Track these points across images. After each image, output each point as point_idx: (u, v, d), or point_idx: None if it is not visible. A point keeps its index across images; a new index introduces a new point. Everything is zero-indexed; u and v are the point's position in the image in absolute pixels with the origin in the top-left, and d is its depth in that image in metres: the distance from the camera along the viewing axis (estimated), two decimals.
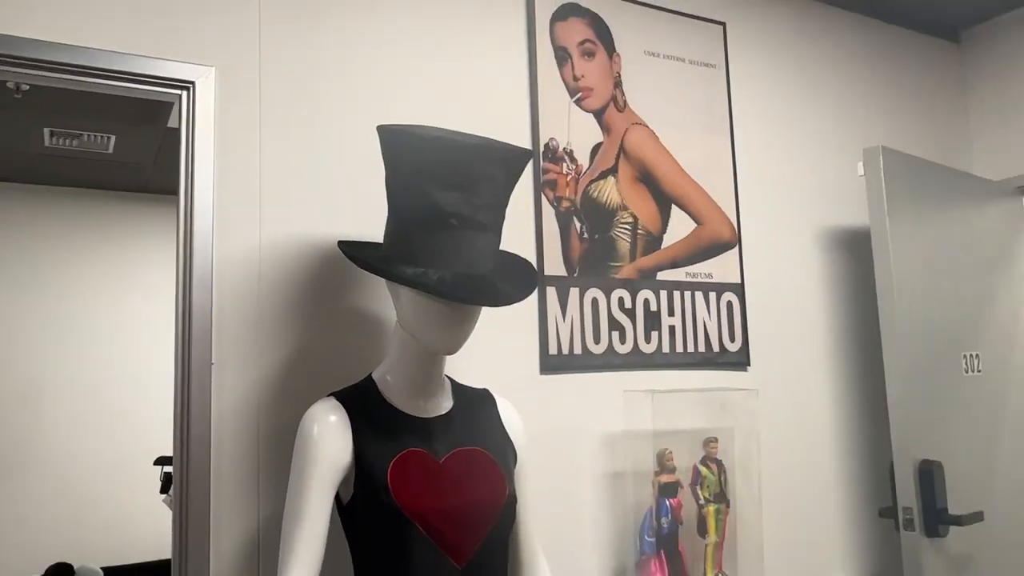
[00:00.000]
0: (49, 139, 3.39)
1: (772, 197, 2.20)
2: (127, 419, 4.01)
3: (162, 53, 1.46)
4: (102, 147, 3.51)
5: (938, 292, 2.10)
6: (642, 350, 1.90)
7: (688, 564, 1.72)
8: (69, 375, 3.93)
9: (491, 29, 1.82)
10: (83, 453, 3.90)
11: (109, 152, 3.57)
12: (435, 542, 1.22)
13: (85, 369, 3.96)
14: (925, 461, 1.91)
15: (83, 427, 3.91)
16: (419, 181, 1.26)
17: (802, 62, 2.34)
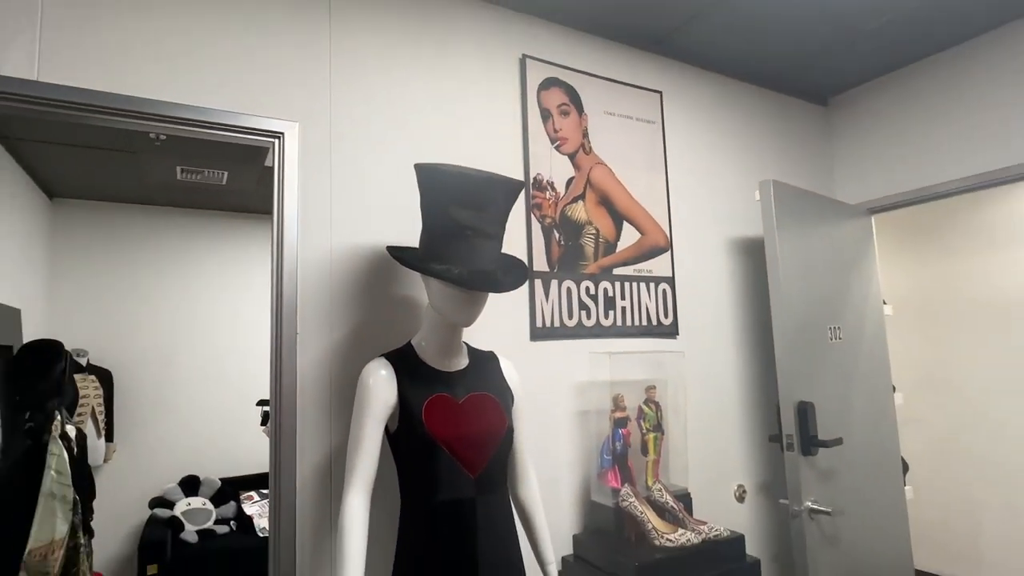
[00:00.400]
0: (180, 174, 3.38)
1: (694, 216, 2.20)
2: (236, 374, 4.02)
3: (260, 112, 1.45)
4: (218, 180, 3.49)
5: (811, 283, 2.10)
6: (602, 324, 1.89)
7: (635, 474, 1.73)
8: (196, 344, 3.94)
9: (495, 96, 1.81)
10: (206, 398, 3.91)
11: (223, 183, 3.55)
12: (456, 459, 1.23)
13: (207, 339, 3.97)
14: (802, 402, 1.92)
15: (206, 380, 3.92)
16: (444, 203, 1.25)
17: (715, 120, 2.33)
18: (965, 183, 2.23)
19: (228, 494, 3.81)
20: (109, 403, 3.57)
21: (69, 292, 3.60)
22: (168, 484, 3.67)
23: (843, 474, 2.04)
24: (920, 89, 2.39)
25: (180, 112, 1.36)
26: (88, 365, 3.50)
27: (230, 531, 3.60)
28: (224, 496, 3.79)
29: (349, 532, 1.15)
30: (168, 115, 1.35)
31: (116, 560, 3.52)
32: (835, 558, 1.95)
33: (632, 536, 1.63)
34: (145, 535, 3.28)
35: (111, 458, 3.57)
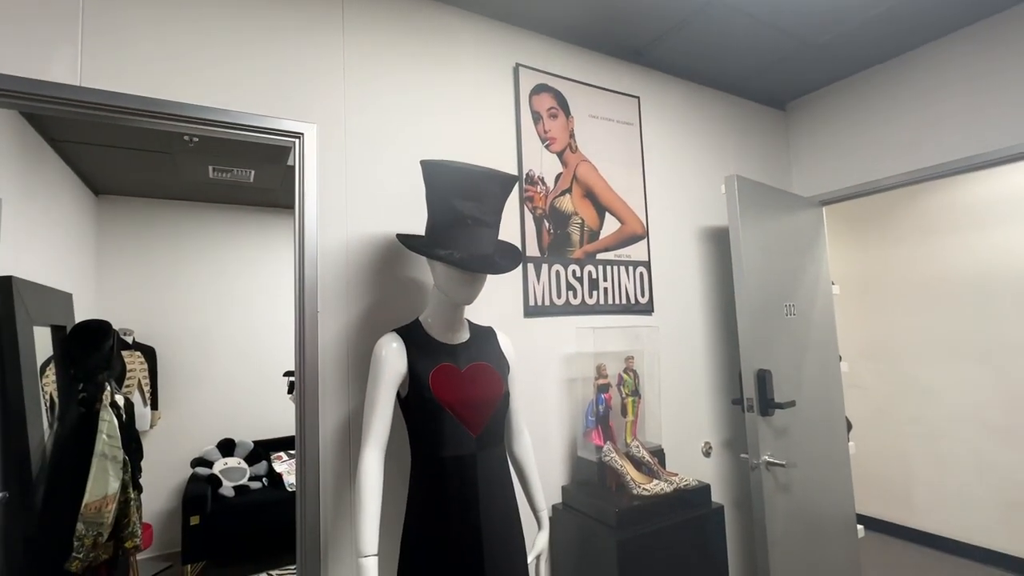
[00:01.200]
0: (212, 173, 3.32)
1: (667, 207, 2.18)
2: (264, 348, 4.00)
3: (282, 114, 1.42)
4: (246, 178, 3.44)
5: (769, 266, 2.10)
6: (587, 302, 1.89)
7: (615, 433, 1.74)
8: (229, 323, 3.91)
9: (492, 100, 1.78)
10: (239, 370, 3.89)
11: (251, 181, 3.50)
12: (459, 420, 1.23)
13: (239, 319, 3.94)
14: (761, 370, 1.93)
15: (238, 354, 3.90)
16: (447, 195, 1.24)
17: (686, 123, 2.30)
18: (905, 177, 2.23)
19: (260, 454, 3.81)
20: (153, 376, 3.56)
21: (115, 279, 3.56)
22: (207, 446, 3.67)
23: (796, 432, 2.06)
24: (866, 95, 2.37)
25: (211, 115, 1.33)
26: (134, 343, 3.48)
27: (262, 486, 3.62)
28: (256, 456, 3.80)
29: (366, 484, 1.16)
30: (200, 117, 1.32)
31: (163, 513, 3.53)
32: (788, 503, 1.97)
33: (613, 486, 1.64)
34: (188, 491, 3.29)
35: (156, 424, 3.56)
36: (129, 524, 2.13)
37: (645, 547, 1.49)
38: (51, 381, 2.39)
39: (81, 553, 1.91)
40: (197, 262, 3.83)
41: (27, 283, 2.25)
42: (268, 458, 3.82)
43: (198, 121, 1.32)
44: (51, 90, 1.17)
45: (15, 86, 1.13)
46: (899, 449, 3.43)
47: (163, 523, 3.51)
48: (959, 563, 3.03)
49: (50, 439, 2.20)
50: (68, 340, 2.26)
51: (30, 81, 1.15)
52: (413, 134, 1.61)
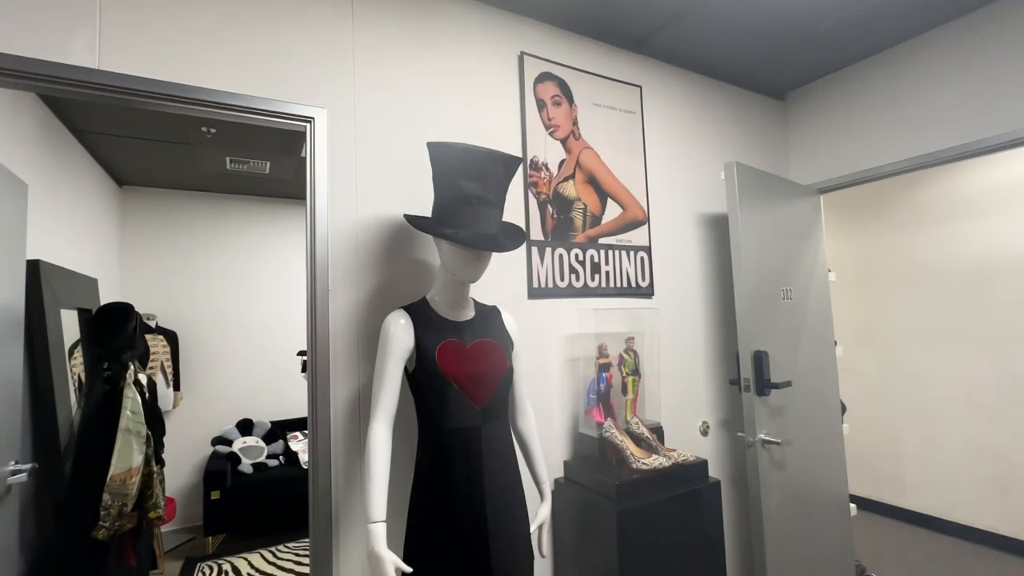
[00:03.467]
0: (229, 164, 3.31)
1: (668, 194, 2.15)
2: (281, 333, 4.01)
3: (294, 99, 1.41)
4: (262, 169, 3.43)
5: (767, 251, 2.07)
6: (589, 285, 1.87)
7: (616, 411, 1.72)
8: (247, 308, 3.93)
9: (498, 87, 1.76)
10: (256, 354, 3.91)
11: (266, 172, 3.49)
12: (464, 393, 1.22)
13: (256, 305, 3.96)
14: (758, 351, 1.90)
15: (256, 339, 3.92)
16: (452, 175, 1.22)
17: (687, 112, 2.27)
18: (902, 165, 2.18)
19: (277, 434, 3.84)
20: (176, 359, 3.58)
21: (138, 266, 3.58)
22: (226, 426, 3.70)
23: (791, 412, 2.04)
24: (864, 84, 2.32)
25: (225, 99, 1.31)
26: (157, 327, 3.50)
27: (279, 464, 3.65)
28: (273, 436, 3.83)
29: (374, 454, 1.15)
30: (214, 101, 1.30)
31: (186, 488, 3.57)
32: (783, 480, 1.96)
33: (613, 461, 1.63)
34: (209, 467, 3.32)
35: (179, 404, 3.59)
36: (152, 496, 2.15)
37: (644, 519, 1.48)
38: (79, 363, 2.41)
39: (107, 522, 1.93)
40: (216, 251, 3.84)
41: (54, 267, 2.26)
42: (284, 437, 3.85)
43: (212, 105, 1.31)
44: (71, 73, 1.16)
45: (35, 68, 1.12)
46: (891, 431, 3.40)
47: (186, 498, 3.55)
48: (948, 541, 3.01)
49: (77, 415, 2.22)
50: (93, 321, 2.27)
51: (50, 64, 1.14)
52: (420, 120, 1.58)
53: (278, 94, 1.38)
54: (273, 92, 1.38)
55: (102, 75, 1.19)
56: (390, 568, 1.08)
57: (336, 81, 1.47)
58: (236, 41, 1.35)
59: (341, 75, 1.47)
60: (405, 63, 1.58)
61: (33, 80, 1.13)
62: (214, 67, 1.31)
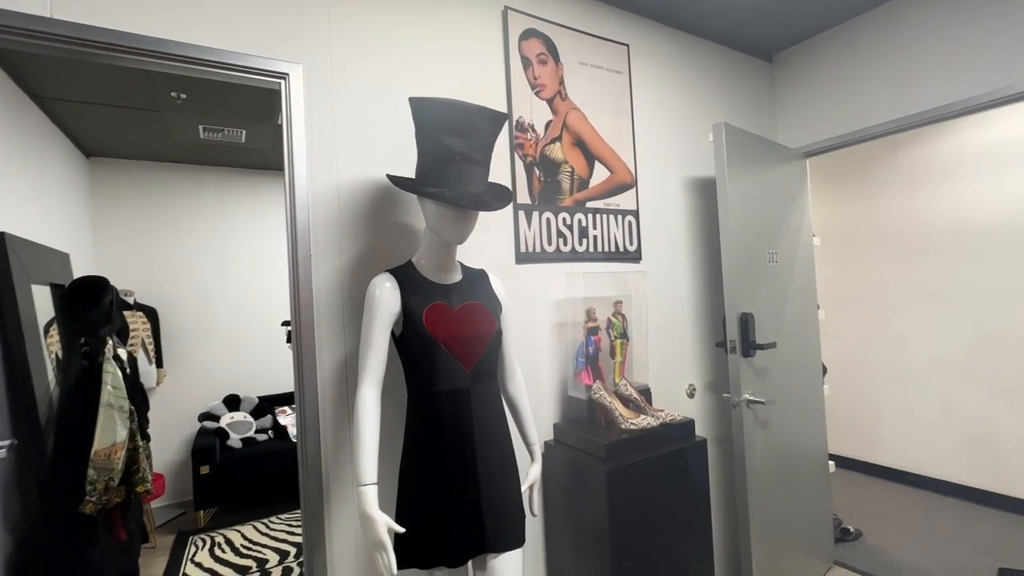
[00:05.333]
0: (203, 133, 3.18)
1: (655, 156, 2.12)
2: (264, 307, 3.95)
3: (267, 54, 1.33)
4: (237, 138, 3.30)
5: (754, 214, 2.07)
6: (577, 250, 1.85)
7: (604, 374, 1.73)
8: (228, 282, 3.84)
9: (481, 42, 1.69)
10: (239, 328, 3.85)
11: (242, 142, 3.36)
12: (453, 356, 1.20)
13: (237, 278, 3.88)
14: (744, 313, 1.92)
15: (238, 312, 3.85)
16: (435, 132, 1.18)
17: (675, 72, 2.22)
18: (888, 126, 2.17)
19: (264, 408, 3.82)
20: (157, 335, 3.51)
21: (112, 241, 3.46)
22: (213, 401, 3.67)
23: (774, 373, 2.07)
24: (850, 45, 2.29)
25: (191, 52, 1.24)
26: (135, 303, 3.41)
27: (268, 438, 3.64)
28: (262, 410, 3.80)
29: (363, 417, 1.14)
30: (178, 55, 1.23)
31: (175, 464, 3.56)
32: (766, 439, 2.00)
33: (602, 422, 1.65)
34: (197, 443, 3.30)
35: (162, 381, 3.54)
36: (139, 470, 2.13)
37: (633, 477, 1.50)
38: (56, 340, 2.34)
39: (94, 496, 1.90)
40: (193, 224, 3.73)
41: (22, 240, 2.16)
42: (273, 412, 3.84)
43: (176, 59, 1.23)
44: (20, 21, 1.07)
45: None
46: (869, 392, 3.50)
47: (174, 473, 3.53)
48: (920, 494, 3.14)
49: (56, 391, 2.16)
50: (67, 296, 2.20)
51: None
52: (401, 77, 1.52)
53: (250, 48, 1.31)
54: (244, 46, 1.30)
55: (54, 24, 1.10)
56: (382, 529, 1.08)
57: (311, 35, 1.39)
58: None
59: (316, 28, 1.40)
60: (383, 16, 1.50)
61: None
62: (180, 19, 1.23)
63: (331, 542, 1.36)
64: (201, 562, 2.76)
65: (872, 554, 2.49)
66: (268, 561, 2.74)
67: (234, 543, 2.97)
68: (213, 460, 3.23)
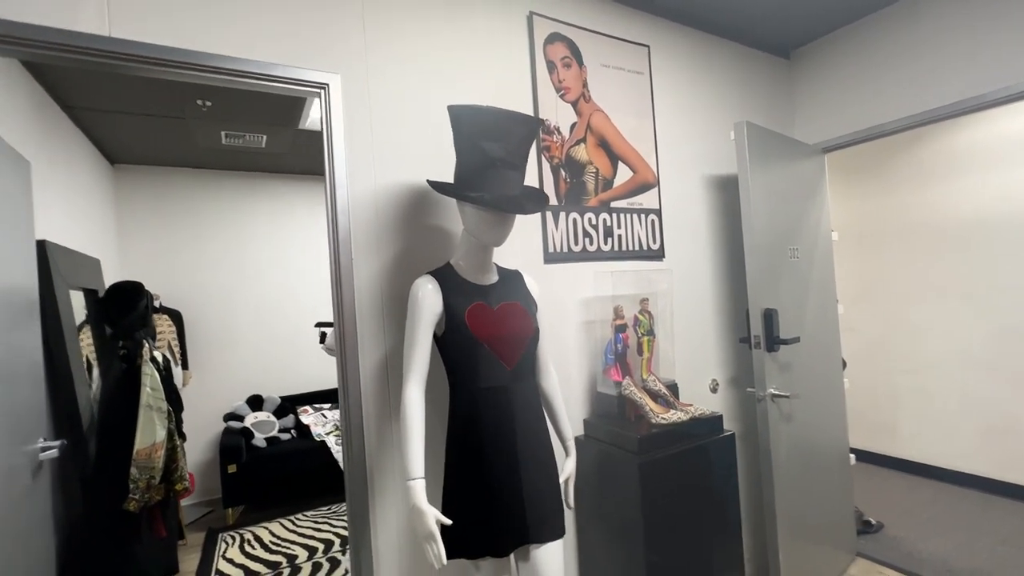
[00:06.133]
0: (225, 139, 3.25)
1: (676, 155, 2.15)
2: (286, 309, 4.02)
3: (307, 64, 1.38)
4: (258, 143, 3.36)
5: (776, 211, 2.09)
6: (602, 249, 1.89)
7: (632, 370, 1.77)
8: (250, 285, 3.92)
9: (508, 48, 1.73)
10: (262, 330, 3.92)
11: (263, 147, 3.42)
12: (494, 354, 1.25)
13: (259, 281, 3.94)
14: (768, 309, 1.95)
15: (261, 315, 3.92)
16: (474, 138, 1.22)
17: (695, 71, 2.24)
18: (906, 121, 2.19)
19: (287, 408, 3.90)
20: (182, 337, 3.58)
21: (137, 246, 3.54)
22: (237, 402, 3.74)
23: (797, 367, 2.10)
24: (868, 41, 2.30)
25: (238, 65, 1.29)
26: (161, 307, 3.49)
27: (291, 438, 3.71)
28: (284, 410, 3.88)
29: (410, 415, 1.18)
30: (227, 68, 1.28)
31: (203, 463, 3.64)
32: (790, 433, 2.03)
33: (632, 417, 1.69)
34: (223, 442, 3.37)
35: (188, 383, 3.61)
36: (177, 469, 2.20)
37: (664, 470, 1.54)
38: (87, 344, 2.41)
39: (136, 495, 1.97)
40: (215, 228, 3.80)
41: (60, 247, 2.24)
42: (295, 412, 3.91)
43: (226, 72, 1.28)
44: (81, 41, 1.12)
45: (47, 36, 1.09)
46: (888, 385, 3.51)
47: (203, 472, 3.61)
48: (941, 487, 3.16)
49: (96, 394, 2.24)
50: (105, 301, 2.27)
51: (60, 32, 1.10)
52: (432, 84, 1.56)
53: (291, 60, 1.35)
54: (286, 59, 1.35)
55: (112, 42, 1.16)
56: (431, 520, 1.12)
57: (348, 46, 1.44)
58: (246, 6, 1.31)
59: (353, 40, 1.44)
60: (416, 25, 1.55)
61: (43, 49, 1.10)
62: (227, 35, 1.28)
63: (376, 536, 1.41)
64: (232, 558, 2.83)
65: (894, 546, 2.51)
66: (297, 557, 2.81)
67: (263, 539, 3.04)
68: (239, 459, 3.30)
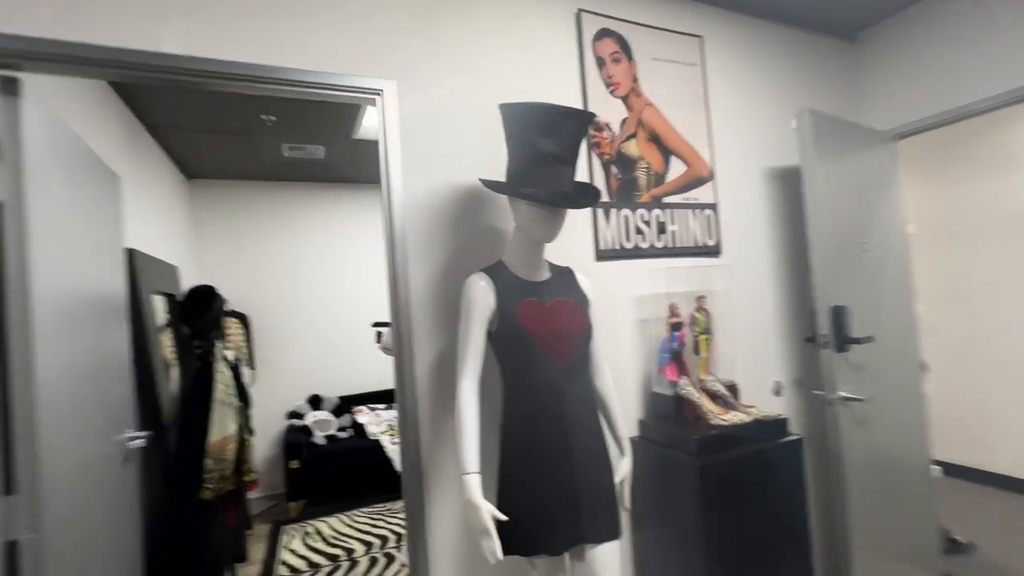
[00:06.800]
0: (286, 151, 3.44)
1: (733, 147, 2.07)
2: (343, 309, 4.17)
3: (364, 72, 1.44)
4: (317, 155, 3.54)
5: (843, 203, 1.97)
6: (655, 246, 1.84)
7: (689, 369, 1.71)
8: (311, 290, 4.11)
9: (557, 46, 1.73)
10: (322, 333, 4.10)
11: (321, 157, 3.60)
12: (548, 351, 1.24)
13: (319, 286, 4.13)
14: (836, 306, 1.83)
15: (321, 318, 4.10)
16: (527, 134, 1.23)
17: (751, 60, 2.16)
18: (992, 101, 2.01)
19: (344, 408, 4.05)
20: (249, 340, 3.82)
21: (210, 253, 3.80)
22: (298, 401, 3.93)
23: (871, 369, 1.96)
24: (945, 17, 2.13)
25: (298, 76, 1.36)
26: (231, 311, 3.73)
27: (348, 436, 3.85)
28: (341, 409, 4.03)
29: (465, 410, 1.20)
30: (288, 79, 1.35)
31: (267, 458, 3.84)
32: (865, 439, 1.90)
33: (690, 418, 1.63)
34: (287, 439, 3.55)
35: (255, 382, 3.83)
36: (246, 461, 2.33)
37: (725, 474, 1.48)
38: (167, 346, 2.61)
39: (211, 484, 2.11)
40: (279, 236, 4.02)
41: (144, 255, 2.44)
42: (351, 411, 4.06)
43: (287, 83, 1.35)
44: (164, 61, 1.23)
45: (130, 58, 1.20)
46: (978, 392, 3.21)
47: (266, 467, 3.81)
48: None
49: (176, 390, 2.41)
50: (183, 304, 2.45)
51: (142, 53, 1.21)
52: (483, 85, 1.59)
53: (348, 69, 1.42)
54: (342, 68, 1.41)
55: (192, 61, 1.25)
56: (486, 515, 1.13)
57: (402, 52, 1.49)
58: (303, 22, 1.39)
59: (406, 45, 1.49)
60: (464, 27, 1.58)
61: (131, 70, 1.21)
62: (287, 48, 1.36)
63: (432, 531, 1.43)
64: (295, 549, 2.97)
65: (985, 568, 2.29)
66: (354, 551, 2.90)
67: (323, 533, 3.16)
68: (301, 455, 3.46)
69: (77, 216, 1.57)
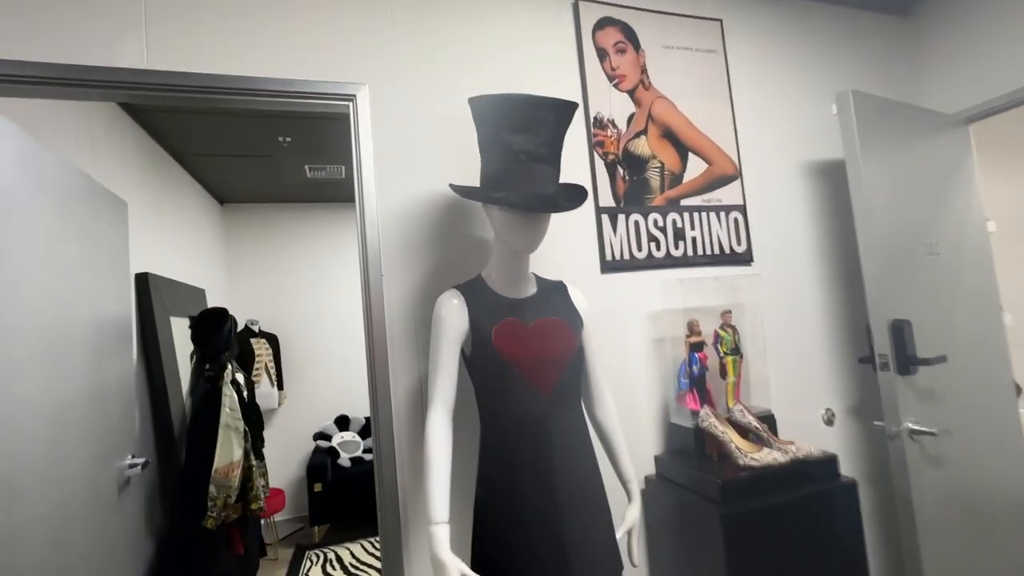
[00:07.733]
0: (308, 172, 3.46)
1: (763, 141, 1.83)
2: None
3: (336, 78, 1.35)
4: (339, 174, 3.53)
5: (901, 199, 1.68)
6: (673, 254, 1.63)
7: (714, 397, 1.48)
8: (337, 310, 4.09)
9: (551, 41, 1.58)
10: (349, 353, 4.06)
11: (342, 177, 3.59)
12: (526, 378, 1.07)
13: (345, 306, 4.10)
14: (896, 320, 1.54)
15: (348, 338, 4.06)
16: (495, 130, 1.08)
17: (781, 43, 1.92)
18: None
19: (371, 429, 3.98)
20: (278, 360, 3.84)
21: (241, 276, 3.88)
22: (325, 422, 3.90)
23: (947, 395, 1.63)
24: None
25: (267, 85, 1.28)
26: (260, 331, 3.77)
27: None
28: (369, 430, 3.97)
29: (433, 449, 1.04)
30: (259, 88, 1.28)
31: (292, 480, 3.82)
32: (942, 480, 1.57)
33: (714, 455, 1.39)
34: (311, 461, 3.51)
35: (283, 403, 3.85)
36: (253, 488, 2.27)
37: (756, 525, 1.23)
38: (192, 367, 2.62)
39: (214, 512, 2.05)
40: (305, 256, 4.07)
41: (162, 279, 2.47)
42: None
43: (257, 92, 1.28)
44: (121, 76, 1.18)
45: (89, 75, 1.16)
46: None
47: (294, 489, 3.79)
48: None
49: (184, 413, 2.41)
50: (194, 325, 2.45)
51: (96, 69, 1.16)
52: (468, 85, 1.45)
53: (318, 74, 1.33)
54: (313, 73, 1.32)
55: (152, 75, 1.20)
56: (454, 573, 0.96)
57: (375, 52, 1.38)
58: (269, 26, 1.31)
59: (380, 45, 1.39)
60: (447, 25, 1.46)
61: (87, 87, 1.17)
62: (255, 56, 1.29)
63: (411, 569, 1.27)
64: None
65: None
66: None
67: (343, 560, 3.06)
68: (325, 478, 3.40)
69: (72, 243, 1.56)
